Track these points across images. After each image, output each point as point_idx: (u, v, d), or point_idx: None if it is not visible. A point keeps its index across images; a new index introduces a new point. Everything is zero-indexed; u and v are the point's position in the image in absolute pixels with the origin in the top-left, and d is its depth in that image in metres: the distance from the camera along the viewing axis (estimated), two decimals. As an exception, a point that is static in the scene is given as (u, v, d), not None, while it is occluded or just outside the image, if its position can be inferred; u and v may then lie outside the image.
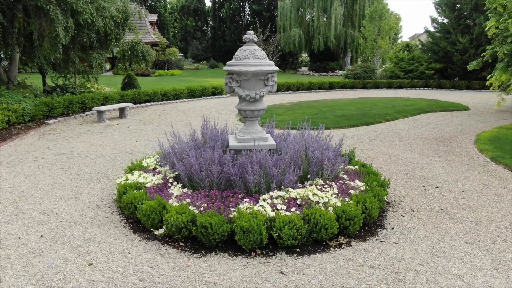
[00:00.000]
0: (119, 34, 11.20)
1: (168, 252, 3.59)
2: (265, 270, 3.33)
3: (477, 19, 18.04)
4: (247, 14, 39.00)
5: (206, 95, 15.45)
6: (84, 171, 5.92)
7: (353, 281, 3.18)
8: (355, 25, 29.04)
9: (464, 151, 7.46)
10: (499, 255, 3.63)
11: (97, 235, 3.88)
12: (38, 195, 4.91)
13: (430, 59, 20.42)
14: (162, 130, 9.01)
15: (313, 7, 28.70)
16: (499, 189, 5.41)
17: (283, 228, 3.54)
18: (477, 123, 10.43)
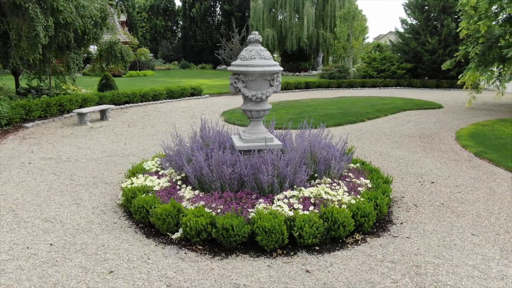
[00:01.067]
0: (97, 34, 10.86)
1: (189, 256, 3.53)
2: (291, 269, 3.34)
3: (444, 20, 18.84)
4: (218, 14, 38.83)
5: (185, 95, 15.25)
6: (78, 175, 5.71)
7: (378, 276, 3.25)
8: (327, 26, 29.56)
9: (448, 148, 7.78)
10: (506, 245, 3.81)
11: (110, 241, 3.76)
12: (36, 202, 4.69)
13: (401, 59, 21.11)
14: (149, 132, 8.83)
15: (285, 7, 28.95)
16: (489, 182, 5.68)
17: (303, 227, 3.57)
18: (453, 121, 10.89)
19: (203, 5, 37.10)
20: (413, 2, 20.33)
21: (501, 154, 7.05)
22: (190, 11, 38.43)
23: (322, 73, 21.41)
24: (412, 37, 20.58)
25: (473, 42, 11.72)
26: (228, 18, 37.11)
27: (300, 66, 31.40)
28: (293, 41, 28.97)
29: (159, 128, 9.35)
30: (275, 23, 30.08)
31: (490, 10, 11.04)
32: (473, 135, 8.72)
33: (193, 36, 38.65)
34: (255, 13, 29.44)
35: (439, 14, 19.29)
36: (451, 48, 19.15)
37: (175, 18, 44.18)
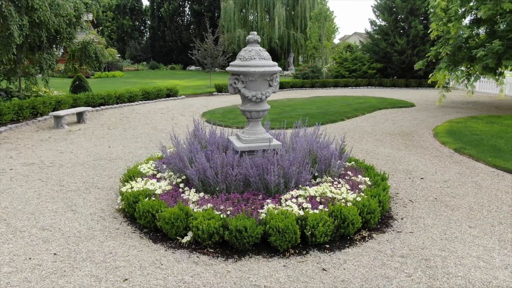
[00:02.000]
0: (71, 33, 10.45)
1: (202, 259, 3.47)
2: (307, 268, 3.36)
3: (412, 22, 19.55)
4: (187, 14, 38.37)
5: (161, 97, 14.98)
6: (67, 181, 5.47)
7: (391, 271, 3.33)
8: (297, 27, 29.93)
9: (429, 144, 8.08)
10: (502, 236, 4.01)
11: (117, 248, 3.63)
12: (27, 210, 4.45)
13: (371, 59, 21.69)
14: (131, 135, 8.61)
15: (256, 8, 29.04)
16: (473, 177, 5.95)
17: (316, 226, 3.60)
18: (427, 118, 11.31)
19: (171, 5, 36.54)
20: (381, 4, 20.96)
21: (479, 149, 7.40)
22: (159, 11, 37.75)
23: (296, 73, 21.66)
24: (382, 38, 21.20)
25: (444, 43, 12.23)
26: (197, 18, 36.78)
27: (272, 67, 31.50)
28: (265, 42, 29.10)
29: (140, 130, 9.13)
30: (246, 23, 30.11)
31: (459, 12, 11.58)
32: (450, 132, 9.09)
33: (162, 36, 37.99)
34: (226, 13, 29.35)
35: (406, 16, 19.98)
36: (418, 48, 19.90)
37: (143, 17, 43.26)
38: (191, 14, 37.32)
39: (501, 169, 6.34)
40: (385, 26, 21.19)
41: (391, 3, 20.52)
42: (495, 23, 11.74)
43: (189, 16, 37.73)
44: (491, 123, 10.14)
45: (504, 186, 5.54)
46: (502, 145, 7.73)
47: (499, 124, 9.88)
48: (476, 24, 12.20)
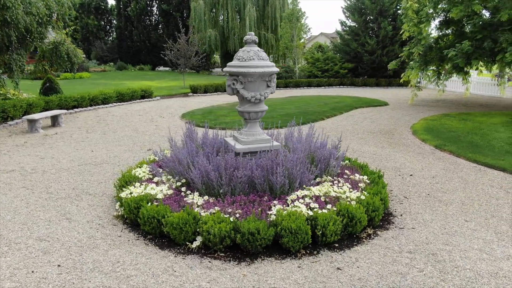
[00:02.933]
0: (42, 33, 9.97)
1: (214, 264, 3.40)
2: (322, 268, 3.37)
3: (382, 23, 20.11)
4: (155, 14, 37.64)
5: (136, 98, 14.60)
6: (54, 188, 5.22)
7: (403, 267, 3.40)
8: (268, 27, 30.04)
9: (410, 142, 8.33)
10: (498, 229, 4.19)
11: (123, 256, 3.49)
12: (18, 220, 4.20)
13: (342, 59, 22.14)
14: (112, 138, 8.33)
15: (226, 8, 28.90)
16: (458, 173, 6.19)
17: (327, 225, 3.62)
18: (403, 117, 11.67)
19: (139, 4, 35.72)
20: (352, 5, 21.43)
21: (458, 146, 7.71)
22: (125, 10, 36.80)
23: (270, 74, 21.74)
24: (352, 38, 21.67)
25: (416, 43, 12.66)
26: (166, 18, 36.18)
27: (243, 67, 31.48)
28: (236, 42, 29.03)
29: (121, 133, 8.85)
30: (217, 23, 29.92)
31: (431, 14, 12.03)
32: (427, 129, 9.42)
33: (130, 36, 37.06)
34: (196, 13, 29.03)
35: (376, 17, 20.54)
36: (388, 48, 20.51)
37: (108, 17, 42.03)
38: (159, 14, 36.63)
39: (481, 164, 6.63)
40: (355, 27, 21.68)
41: (360, 5, 21.02)
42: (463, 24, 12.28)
43: (157, 16, 37.01)
44: (464, 120, 10.60)
45: (488, 181, 5.79)
46: (478, 141, 8.10)
47: (471, 121, 10.34)
48: (445, 25, 12.72)
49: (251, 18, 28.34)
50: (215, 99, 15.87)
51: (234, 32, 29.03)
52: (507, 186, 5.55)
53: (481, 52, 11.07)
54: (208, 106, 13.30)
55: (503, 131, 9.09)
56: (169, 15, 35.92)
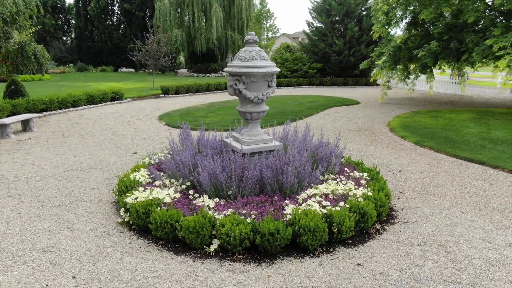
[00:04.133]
0: (8, 33, 9.41)
1: (236, 267, 3.36)
2: (342, 265, 3.41)
3: (348, 24, 20.66)
4: (116, 13, 36.51)
5: (106, 100, 14.11)
6: (45, 196, 4.94)
7: (418, 259, 3.52)
8: (234, 28, 30.01)
9: (390, 139, 8.62)
10: (492, 219, 4.43)
11: (140, 264, 3.37)
12: (14, 231, 3.94)
13: (311, 59, 22.52)
14: (93, 142, 8.00)
15: (192, 8, 28.54)
16: (442, 167, 6.49)
17: (342, 222, 3.67)
18: (377, 115, 12.04)
19: (100, 3, 34.50)
20: (318, 6, 21.85)
21: (436, 142, 8.07)
22: (85, 9, 35.42)
23: (240, 74, 21.72)
24: (320, 39, 22.10)
25: (386, 43, 13.13)
26: (128, 18, 35.19)
27: (210, 67, 31.31)
28: (202, 42, 28.76)
29: (100, 136, 8.52)
30: (183, 24, 29.48)
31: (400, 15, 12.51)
32: (403, 126, 9.79)
33: (90, 36, 35.71)
34: (161, 13, 28.45)
35: (343, 18, 21.07)
36: (354, 49, 21.09)
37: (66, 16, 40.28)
38: (121, 13, 35.55)
39: (462, 158, 6.98)
40: (322, 28, 22.12)
41: (327, 6, 21.48)
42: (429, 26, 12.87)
43: (119, 16, 35.91)
44: (434, 117, 11.10)
45: (471, 174, 6.11)
46: (453, 136, 8.52)
47: (442, 118, 10.86)
48: (412, 27, 13.26)
49: (218, 18, 28.18)
50: (188, 100, 15.65)
51: (200, 33, 28.73)
52: (490, 178, 5.88)
53: (448, 52, 11.66)
54: (184, 108, 13.08)
55: (473, 126, 9.62)
56: (131, 15, 34.97)
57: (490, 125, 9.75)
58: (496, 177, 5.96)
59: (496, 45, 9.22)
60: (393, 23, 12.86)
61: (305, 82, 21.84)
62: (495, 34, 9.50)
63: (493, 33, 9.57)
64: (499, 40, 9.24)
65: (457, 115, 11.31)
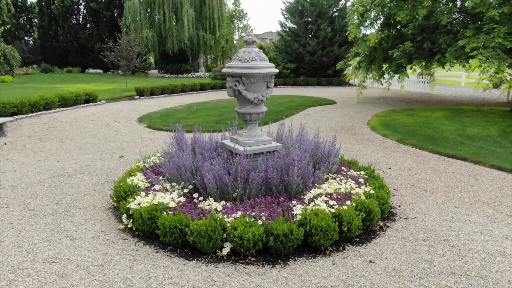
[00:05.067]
0: (-24, 32, 8.87)
1: (251, 269, 3.33)
2: (356, 263, 3.46)
3: (321, 25, 20.98)
4: (82, 13, 35.32)
5: (79, 103, 13.61)
6: (35, 204, 4.70)
7: (425, 254, 3.62)
8: (206, 28, 29.77)
9: (373, 137, 8.82)
10: (485, 212, 4.63)
11: (152, 271, 3.27)
12: (9, 243, 3.72)
13: (285, 60, 22.69)
14: (74, 146, 7.70)
15: (163, 8, 28.06)
16: (428, 164, 6.71)
17: (352, 221, 3.72)
18: (355, 114, 12.30)
19: (64, 2, 33.26)
20: (291, 7, 22.06)
21: (418, 139, 8.34)
22: (49, 8, 34.03)
23: (215, 74, 21.59)
24: (293, 39, 22.32)
25: (362, 44, 13.43)
26: (95, 17, 34.17)
27: (182, 68, 30.91)
28: (174, 43, 28.35)
29: (81, 140, 8.21)
30: (153, 23, 28.94)
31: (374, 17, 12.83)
32: (383, 125, 10.05)
33: (55, 36, 34.34)
34: (131, 13, 27.80)
35: (315, 19, 21.38)
36: (327, 49, 21.45)
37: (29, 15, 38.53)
38: (87, 13, 34.41)
39: (444, 155, 7.25)
40: (295, 28, 22.35)
41: (300, 7, 21.72)
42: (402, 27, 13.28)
43: (86, 15, 34.76)
44: (411, 115, 11.47)
45: (456, 170, 6.36)
46: (433, 134, 8.83)
47: (418, 116, 11.23)
48: (386, 28, 13.64)
49: (189, 18, 27.87)
50: (165, 101, 15.37)
51: (172, 33, 28.30)
52: (474, 174, 6.14)
53: (421, 52, 12.07)
54: (162, 109, 12.84)
55: (449, 124, 10.02)
56: (98, 14, 33.97)
57: (464, 123, 10.18)
58: (479, 172, 6.23)
59: (469, 46, 9.64)
60: (368, 24, 13.18)
61: (279, 82, 21.98)
62: (467, 35, 9.94)
63: (465, 34, 10.00)
64: (471, 41, 9.67)
65: (431, 113, 11.74)
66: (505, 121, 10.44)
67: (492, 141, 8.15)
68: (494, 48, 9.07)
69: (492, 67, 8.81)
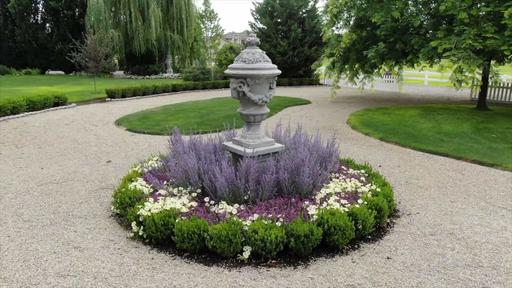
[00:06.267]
0: None
1: (275, 272, 3.31)
2: (375, 260, 3.53)
3: (292, 25, 21.22)
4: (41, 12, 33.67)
5: (49, 106, 12.98)
6: (29, 215, 4.43)
7: (437, 248, 3.76)
8: (174, 28, 29.26)
9: (355, 136, 9.03)
10: (479, 205, 4.86)
11: (175, 279, 3.18)
12: (12, 257, 3.49)
13: (256, 60, 22.71)
14: (54, 152, 7.33)
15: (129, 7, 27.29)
16: (414, 161, 6.96)
17: (366, 219, 3.79)
18: (332, 113, 12.54)
19: (22, 0, 31.58)
20: (261, 8, 22.15)
21: (399, 137, 8.63)
22: (4, 6, 32.18)
23: (186, 75, 21.29)
24: (263, 39, 22.40)
25: (336, 45, 13.71)
26: (55, 17, 32.67)
27: (149, 69, 30.22)
28: (141, 43, 27.64)
29: (60, 146, 7.83)
30: (119, 23, 28.10)
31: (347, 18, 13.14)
32: (363, 124, 10.31)
33: (11, 36, 32.50)
34: (95, 12, 26.84)
35: (286, 20, 21.58)
36: (298, 50, 21.72)
37: (-20, 13, 36.17)
38: (46, 12, 32.84)
39: (427, 152, 7.54)
40: (266, 29, 22.45)
41: (270, 8, 21.86)
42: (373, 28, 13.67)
43: (45, 14, 33.16)
44: (387, 114, 11.84)
45: (441, 165, 6.63)
46: (412, 132, 9.16)
47: (393, 115, 11.62)
48: (359, 29, 14.00)
49: (157, 18, 27.28)
50: (138, 103, 14.97)
51: (138, 33, 27.59)
52: (459, 169, 6.44)
53: (394, 53, 12.50)
54: (138, 111, 12.49)
55: (424, 122, 10.44)
56: (58, 13, 32.52)
57: (437, 120, 10.64)
58: (463, 167, 6.54)
59: (441, 47, 10.09)
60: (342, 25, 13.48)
61: (251, 82, 21.98)
62: (439, 36, 10.39)
63: (437, 36, 10.46)
64: (443, 42, 10.12)
65: (405, 112, 12.18)
66: (474, 118, 11.03)
67: (468, 137, 8.57)
68: (465, 49, 9.55)
69: (464, 67, 9.26)
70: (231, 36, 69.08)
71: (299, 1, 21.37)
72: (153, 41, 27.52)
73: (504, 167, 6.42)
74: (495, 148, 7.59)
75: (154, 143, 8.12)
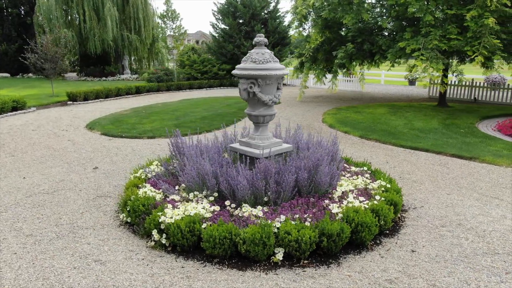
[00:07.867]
0: None
1: (312, 272, 3.32)
2: (401, 254, 3.64)
3: (255, 26, 21.31)
4: (-19, 9, 31.21)
5: (7, 111, 12.06)
6: (29, 229, 4.09)
7: (453, 239, 3.94)
8: (131, 28, 28.33)
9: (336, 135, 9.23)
10: (473, 196, 5.17)
11: (215, 286, 3.08)
12: (28, 277, 3.21)
13: (219, 61, 22.59)
14: (32, 160, 6.84)
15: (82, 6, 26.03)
16: (398, 156, 7.25)
17: (387, 215, 3.90)
18: (305, 112, 12.74)
19: (-42, -3, 29.11)
20: (223, 9, 22.04)
21: (378, 134, 8.95)
22: None
23: (150, 77, 20.70)
24: (226, 40, 22.31)
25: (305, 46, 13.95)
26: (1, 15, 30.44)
27: (105, 71, 29.05)
28: (97, 44, 26.45)
29: (36, 153, 7.31)
30: (72, 23, 26.72)
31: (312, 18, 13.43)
32: (339, 122, 10.57)
33: None
34: (45, 11, 25.32)
35: (249, 21, 21.63)
36: (262, 50, 21.84)
37: None
38: (-12, 10, 30.52)
39: (407, 148, 7.88)
40: (228, 30, 22.37)
41: (232, 8, 21.81)
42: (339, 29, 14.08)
43: (-14, 12, 30.78)
44: (358, 112, 12.24)
45: (425, 160, 6.97)
46: (388, 129, 9.54)
47: (365, 113, 12.02)
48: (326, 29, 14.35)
49: (113, 18, 26.25)
50: (104, 106, 14.33)
51: (93, 33, 26.38)
52: (443, 163, 6.80)
53: (362, 53, 12.96)
54: (108, 115, 11.95)
55: (395, 119, 10.90)
56: (2, 12, 30.32)
57: (407, 117, 11.16)
58: (445, 161, 6.91)
59: (409, 47, 10.60)
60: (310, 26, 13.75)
61: (216, 83, 21.84)
62: (406, 37, 10.91)
63: (404, 37, 10.97)
64: (411, 43, 10.64)
65: (374, 110, 12.65)
66: (439, 115, 11.69)
67: (440, 133, 9.08)
68: (432, 49, 10.10)
69: (432, 66, 9.80)
70: (190, 37, 68.17)
71: (261, 2, 21.50)
72: (109, 41, 26.46)
73: (482, 160, 6.86)
74: (468, 142, 8.09)
75: (137, 148, 7.82)
